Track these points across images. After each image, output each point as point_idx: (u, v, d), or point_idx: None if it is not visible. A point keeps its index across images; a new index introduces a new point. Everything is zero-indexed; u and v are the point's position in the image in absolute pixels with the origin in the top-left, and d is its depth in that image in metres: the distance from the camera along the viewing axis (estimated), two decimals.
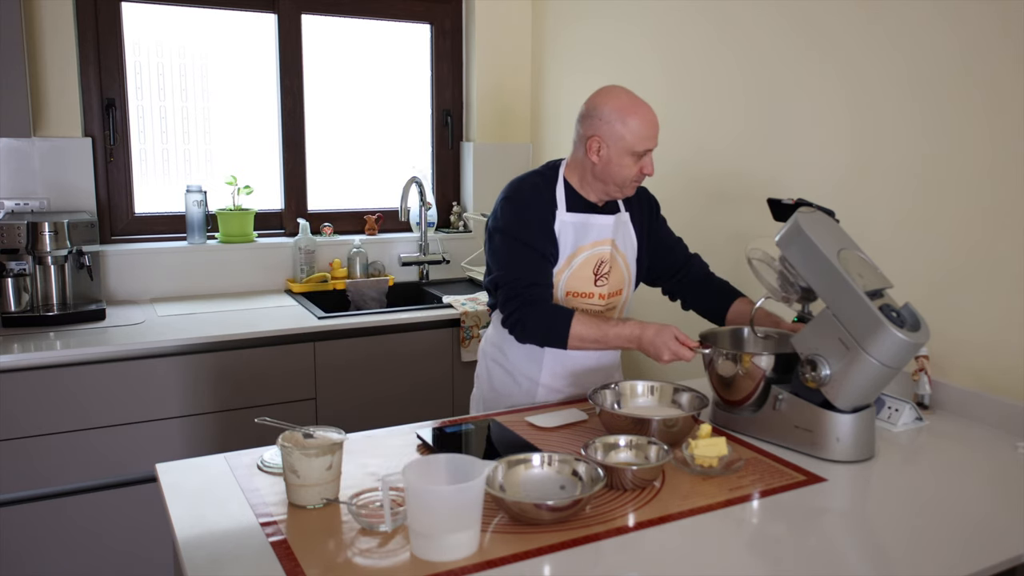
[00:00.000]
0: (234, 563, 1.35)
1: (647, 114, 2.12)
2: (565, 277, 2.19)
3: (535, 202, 2.17)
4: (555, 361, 2.25)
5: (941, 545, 1.46)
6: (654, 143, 2.13)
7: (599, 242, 2.21)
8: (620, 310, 2.32)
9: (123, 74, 3.32)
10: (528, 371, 2.27)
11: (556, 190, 2.20)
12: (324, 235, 3.69)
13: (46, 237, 2.89)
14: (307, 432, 1.56)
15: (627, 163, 2.12)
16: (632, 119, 2.10)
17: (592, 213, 2.22)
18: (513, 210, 2.15)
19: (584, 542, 1.41)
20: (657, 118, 2.14)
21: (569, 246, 2.18)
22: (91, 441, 2.64)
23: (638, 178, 2.16)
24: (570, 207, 2.19)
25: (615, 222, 2.25)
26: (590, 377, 2.27)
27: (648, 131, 2.11)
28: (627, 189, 2.18)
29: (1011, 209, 1.99)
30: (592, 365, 2.29)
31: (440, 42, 3.94)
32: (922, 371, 2.12)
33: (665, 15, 3.08)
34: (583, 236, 2.19)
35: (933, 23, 2.14)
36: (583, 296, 2.21)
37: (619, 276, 2.27)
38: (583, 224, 2.20)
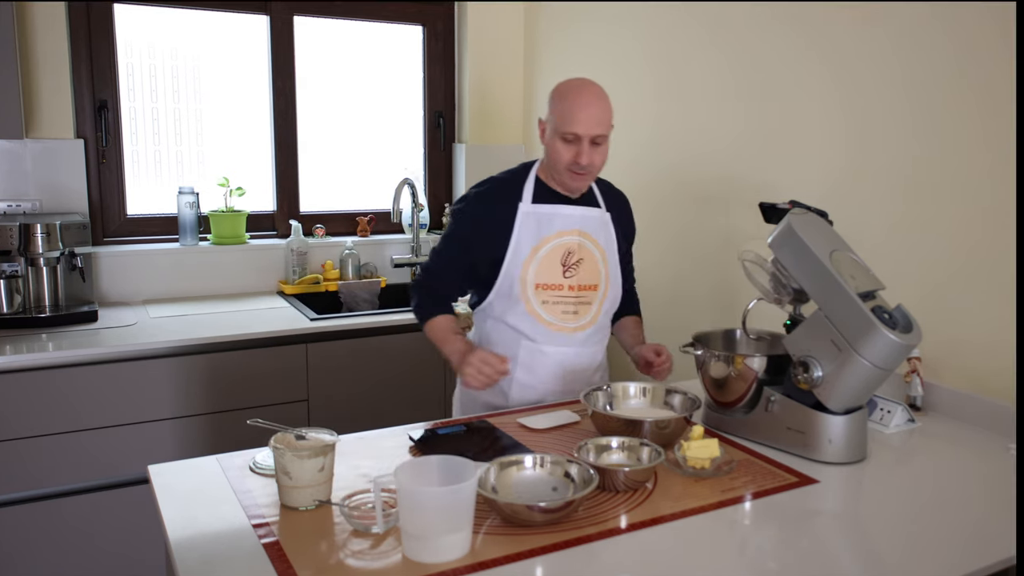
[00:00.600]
0: (226, 565, 1.35)
1: (581, 98, 2.08)
2: (532, 268, 2.17)
3: (495, 199, 2.22)
4: (531, 358, 2.23)
5: (933, 547, 1.46)
6: (584, 130, 2.06)
7: (565, 232, 2.20)
8: (597, 308, 2.26)
9: (115, 75, 3.31)
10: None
11: (525, 184, 2.22)
12: (316, 237, 3.69)
13: (38, 238, 2.88)
14: (299, 434, 1.56)
15: (558, 147, 2.11)
16: (564, 101, 2.08)
17: (561, 204, 2.22)
18: (469, 207, 2.24)
19: (576, 544, 1.41)
20: (596, 108, 2.08)
21: (532, 237, 2.18)
22: (83, 442, 2.64)
23: (572, 167, 2.11)
24: (537, 199, 2.21)
25: (587, 214, 2.24)
26: (567, 375, 2.26)
27: (575, 114, 2.06)
28: (564, 178, 2.15)
29: (1004, 212, 2.00)
30: (569, 364, 2.26)
31: (432, 44, 3.94)
32: (914, 373, 2.13)
33: (657, 18, 3.08)
34: (547, 226, 2.19)
35: (927, 26, 2.15)
36: (552, 288, 2.19)
37: (592, 270, 2.23)
38: (548, 214, 2.20)
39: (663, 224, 3.14)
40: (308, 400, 2.97)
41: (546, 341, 2.22)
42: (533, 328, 2.21)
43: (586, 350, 2.29)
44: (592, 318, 2.25)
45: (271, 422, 1.70)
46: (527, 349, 2.23)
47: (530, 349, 2.23)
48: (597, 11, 3.41)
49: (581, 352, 2.28)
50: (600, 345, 2.35)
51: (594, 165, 2.14)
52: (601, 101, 2.11)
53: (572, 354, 2.26)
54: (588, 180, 2.20)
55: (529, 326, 2.21)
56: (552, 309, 2.20)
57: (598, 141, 2.12)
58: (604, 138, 2.13)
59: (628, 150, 3.29)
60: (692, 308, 3.02)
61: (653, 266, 3.20)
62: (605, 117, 2.11)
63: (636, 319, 2.44)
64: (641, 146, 3.22)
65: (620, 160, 3.33)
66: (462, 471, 1.38)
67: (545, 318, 2.20)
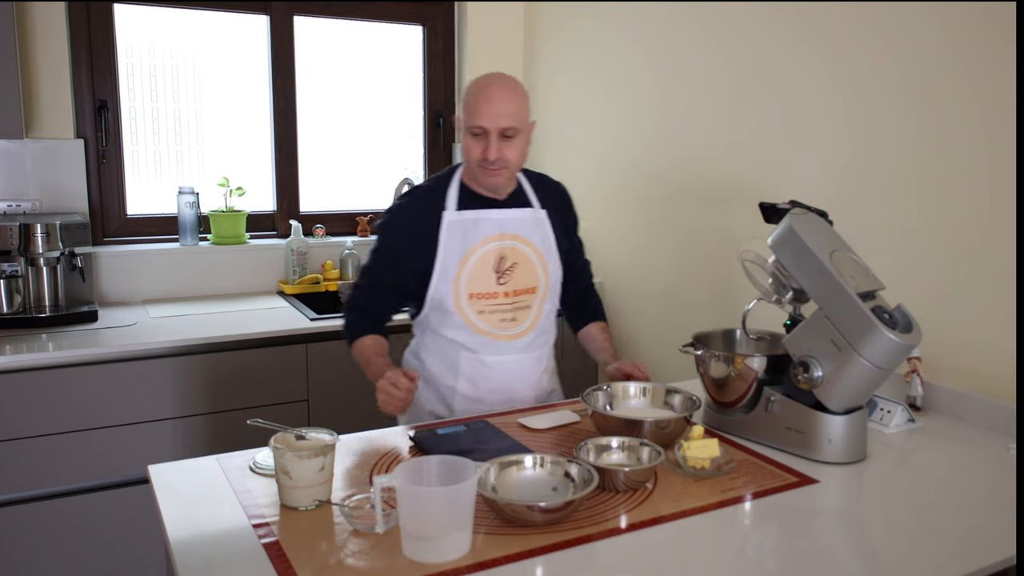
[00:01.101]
0: (226, 565, 1.35)
1: (486, 91, 2.01)
2: (464, 278, 2.10)
3: (418, 208, 2.14)
4: (473, 370, 2.16)
5: (933, 546, 1.46)
6: (488, 122, 1.99)
7: (493, 237, 2.12)
8: (537, 311, 2.20)
9: (115, 76, 3.31)
10: (445, 379, 2.19)
11: (448, 191, 2.14)
12: (316, 236, 3.69)
13: (38, 238, 2.88)
14: (299, 433, 1.56)
15: (467, 142, 2.04)
16: (469, 96, 2.03)
17: (489, 208, 2.14)
18: (394, 219, 2.17)
19: (576, 543, 1.41)
20: (505, 100, 2.00)
21: (459, 246, 2.10)
22: (83, 442, 2.63)
23: (482, 162, 2.03)
24: (462, 205, 2.12)
25: (518, 216, 2.16)
26: (512, 383, 2.20)
27: (480, 107, 1.99)
28: (478, 174, 2.07)
29: (1003, 212, 2.00)
30: (513, 372, 2.19)
31: (432, 44, 3.94)
32: (914, 373, 2.13)
33: (657, 18, 3.09)
34: (475, 233, 2.11)
35: (928, 26, 2.15)
36: (486, 296, 2.12)
37: (529, 274, 2.16)
38: (474, 221, 2.11)
39: (663, 224, 3.14)
40: (308, 400, 2.97)
41: (486, 352, 2.15)
42: (471, 339, 2.14)
43: (529, 355, 2.22)
44: (532, 322, 2.19)
45: (271, 422, 1.70)
46: (468, 360, 2.16)
47: (471, 360, 2.16)
48: (597, 11, 3.41)
49: (524, 359, 2.21)
50: (544, 348, 2.28)
51: (506, 160, 2.03)
52: (509, 92, 2.02)
53: (514, 362, 2.19)
54: (504, 177, 2.08)
55: (467, 337, 2.14)
56: (489, 318, 2.13)
57: (509, 134, 2.02)
58: (516, 132, 2.03)
59: (628, 150, 3.29)
60: (692, 308, 3.02)
61: (653, 266, 3.20)
62: (513, 109, 2.01)
63: (602, 326, 2.37)
64: (641, 146, 3.22)
65: (620, 161, 3.34)
66: (462, 471, 1.38)
67: (482, 328, 2.13)
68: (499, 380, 2.18)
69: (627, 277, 3.35)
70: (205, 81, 3.57)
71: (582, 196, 3.54)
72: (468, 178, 2.16)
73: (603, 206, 3.46)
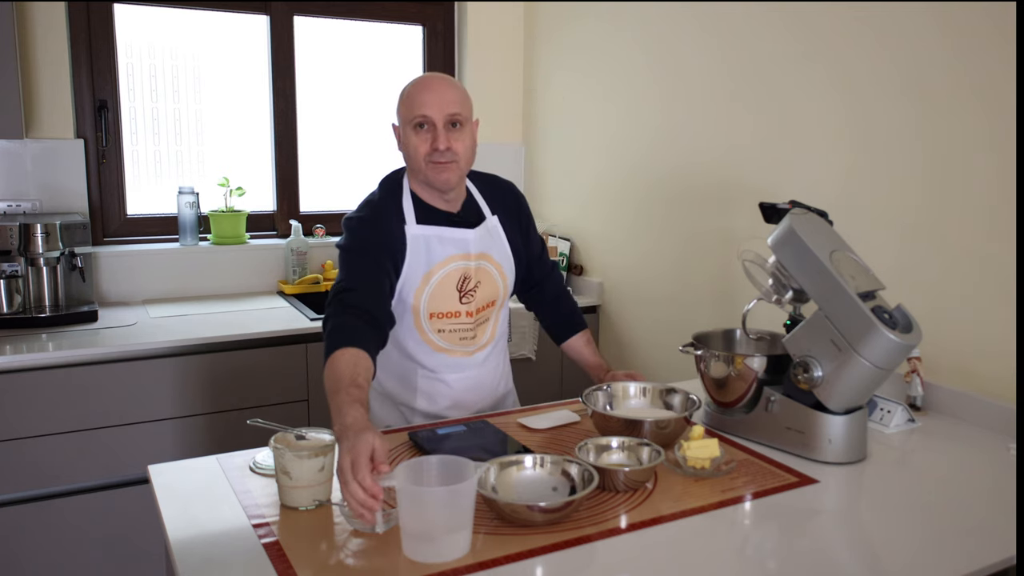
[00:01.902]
0: (226, 565, 1.35)
1: (423, 82, 1.94)
2: (425, 297, 2.00)
3: (378, 218, 1.99)
4: (430, 386, 2.09)
5: (933, 546, 1.46)
6: (431, 111, 1.90)
7: (456, 256, 2.02)
8: (495, 321, 2.15)
9: (115, 76, 3.32)
10: (402, 397, 2.12)
11: (403, 203, 2.02)
12: (316, 237, 3.69)
13: (38, 238, 2.88)
14: (299, 433, 1.56)
15: (413, 140, 1.93)
16: (406, 94, 1.95)
17: (447, 226, 2.02)
18: (355, 229, 1.98)
19: (576, 543, 1.41)
20: (446, 88, 1.93)
21: (423, 263, 1.99)
22: (83, 442, 2.63)
23: (431, 155, 1.92)
24: (420, 219, 2.01)
25: (479, 234, 2.06)
26: (469, 396, 2.13)
27: (421, 95, 1.91)
28: (429, 172, 1.95)
29: (1003, 212, 2.00)
30: (471, 386, 2.13)
31: (432, 44, 3.94)
32: (914, 373, 2.13)
33: (658, 18, 3.09)
34: (438, 251, 2.00)
35: (927, 27, 2.15)
36: (448, 316, 2.03)
37: (490, 289, 2.09)
38: (437, 238, 2.00)
39: (663, 224, 3.14)
40: (308, 400, 2.97)
41: (445, 370, 2.08)
42: (429, 357, 2.06)
43: (487, 368, 2.17)
44: (490, 335, 2.14)
45: (271, 422, 1.70)
46: (425, 378, 2.09)
47: (429, 378, 2.09)
48: (597, 11, 3.41)
49: (482, 372, 2.16)
50: (500, 357, 2.23)
51: (456, 152, 1.93)
52: (449, 82, 1.96)
53: (473, 377, 2.13)
54: (455, 173, 1.96)
55: (425, 355, 2.06)
56: (449, 337, 2.05)
57: (457, 120, 1.93)
58: (464, 121, 1.95)
59: (628, 151, 3.29)
60: (692, 308, 3.02)
61: (653, 266, 3.20)
62: (458, 97, 1.94)
63: (586, 338, 2.31)
64: (641, 147, 3.22)
65: (620, 161, 3.34)
66: (462, 471, 1.38)
67: (441, 345, 2.06)
68: (457, 396, 2.12)
69: (627, 277, 3.36)
70: (205, 81, 3.57)
71: (582, 197, 3.55)
72: (417, 187, 2.04)
73: (603, 206, 3.46)
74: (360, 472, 1.36)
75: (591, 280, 3.54)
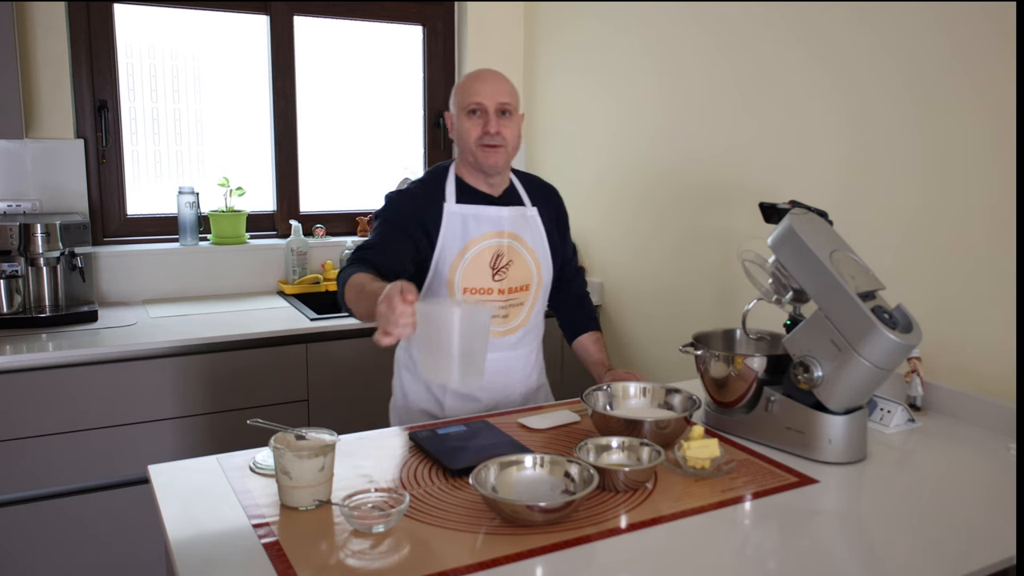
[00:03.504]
0: (226, 565, 1.35)
1: (479, 73, 2.12)
2: (460, 272, 2.11)
3: (419, 195, 2.15)
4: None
5: (933, 546, 1.46)
6: (485, 98, 2.07)
7: (492, 234, 2.15)
8: (528, 307, 2.22)
9: (115, 76, 3.32)
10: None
11: (445, 184, 2.17)
12: (316, 236, 3.69)
13: (38, 238, 2.88)
14: (299, 433, 1.56)
15: (466, 125, 2.09)
16: (462, 84, 2.13)
17: (485, 204, 2.17)
18: (396, 199, 2.15)
19: (576, 544, 1.41)
20: (495, 78, 2.11)
21: (459, 238, 2.12)
22: (83, 442, 2.63)
23: (483, 139, 2.08)
24: (460, 199, 2.15)
25: (514, 214, 2.19)
26: (501, 380, 2.22)
27: (475, 84, 2.09)
28: (479, 156, 2.10)
29: (1003, 212, 2.00)
30: (502, 369, 2.21)
31: (432, 44, 3.94)
32: (914, 373, 2.13)
33: (658, 18, 3.09)
34: (474, 227, 2.13)
35: (928, 26, 2.15)
36: (481, 291, 2.14)
37: (523, 271, 2.19)
38: (474, 215, 2.14)
39: (664, 224, 3.14)
40: (308, 400, 2.97)
41: None
42: None
43: (518, 352, 2.24)
44: (523, 319, 2.21)
45: (271, 422, 1.70)
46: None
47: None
48: (597, 11, 3.41)
49: (513, 355, 2.23)
50: (533, 345, 2.30)
51: (505, 137, 2.09)
52: (501, 76, 2.13)
53: (503, 358, 2.21)
54: (503, 157, 2.12)
55: None
56: None
57: (505, 109, 2.10)
58: (512, 110, 2.11)
59: (629, 151, 3.29)
60: (692, 308, 3.02)
61: (653, 266, 3.20)
62: (509, 88, 2.12)
63: (596, 337, 2.38)
64: (642, 147, 3.22)
65: (620, 160, 3.34)
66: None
67: None
68: (489, 377, 2.17)
69: (627, 277, 3.36)
70: (205, 81, 3.57)
71: (582, 196, 3.55)
72: (462, 171, 2.19)
73: (603, 206, 3.46)
74: (392, 300, 1.50)
75: (591, 280, 3.54)
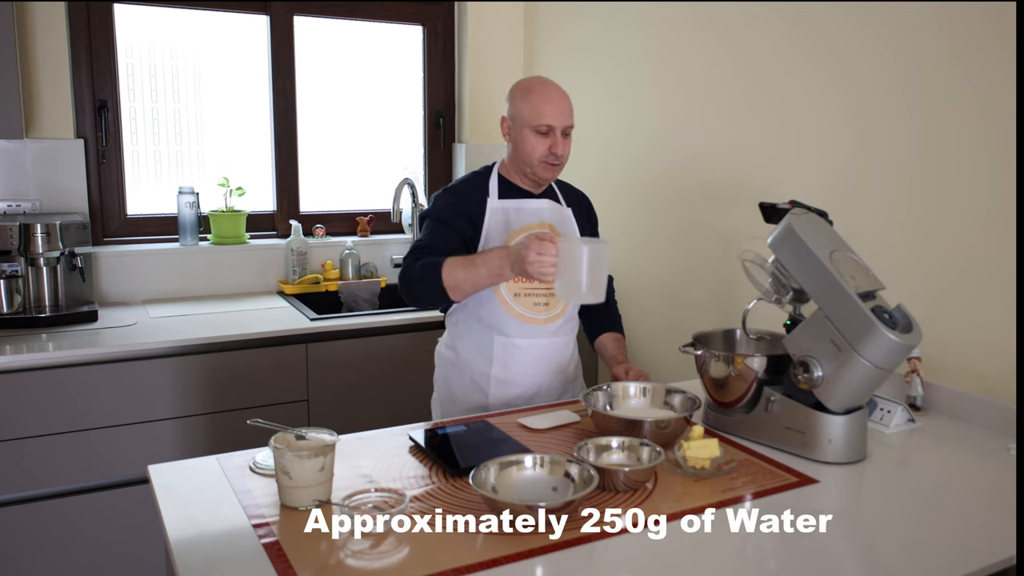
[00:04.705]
0: (226, 565, 1.35)
1: (548, 92, 2.18)
2: None
3: (465, 192, 2.27)
4: (505, 353, 2.25)
5: (933, 546, 1.46)
6: (557, 121, 2.16)
7: (534, 225, 2.25)
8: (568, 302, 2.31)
9: (115, 76, 3.31)
10: (479, 365, 2.28)
11: (490, 181, 2.28)
12: (316, 236, 3.69)
13: (38, 238, 2.88)
14: (299, 433, 1.56)
15: (530, 140, 2.18)
16: (531, 96, 2.18)
17: (526, 198, 2.28)
18: (444, 197, 2.26)
19: (576, 543, 1.41)
20: (564, 100, 2.19)
21: (502, 229, 2.23)
22: (83, 442, 2.63)
23: (547, 158, 2.18)
24: (503, 195, 2.27)
25: (553, 207, 2.31)
26: (542, 367, 2.29)
27: (546, 108, 2.16)
28: (539, 170, 2.21)
29: (1004, 212, 2.00)
30: (543, 356, 2.29)
31: (432, 44, 3.94)
32: (914, 373, 2.13)
33: (657, 18, 3.09)
34: (516, 219, 2.25)
35: (927, 27, 2.15)
36: (524, 280, 2.20)
37: None
38: (516, 208, 2.26)
39: (664, 224, 3.14)
40: (308, 400, 2.97)
41: (519, 334, 2.24)
42: (506, 322, 2.23)
43: (558, 340, 2.32)
44: (561, 310, 2.29)
45: (271, 422, 1.70)
46: (501, 344, 2.25)
47: (504, 344, 2.25)
48: (597, 11, 3.41)
49: (553, 343, 2.30)
50: (571, 335, 2.38)
51: (564, 156, 2.22)
52: (566, 96, 2.22)
53: (544, 345, 2.29)
54: (558, 172, 2.26)
55: (502, 320, 2.23)
56: (524, 301, 2.22)
57: (567, 132, 2.21)
58: (571, 129, 2.22)
59: (629, 151, 3.29)
60: (692, 308, 3.02)
61: (654, 266, 3.20)
62: (571, 110, 2.22)
63: (617, 336, 2.44)
64: (642, 147, 3.22)
65: (620, 160, 3.34)
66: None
67: (518, 311, 2.22)
68: (529, 362, 2.27)
69: (627, 277, 3.35)
70: (205, 81, 3.57)
71: None
72: (508, 172, 2.30)
73: (603, 206, 3.44)
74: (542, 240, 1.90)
75: None
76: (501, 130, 2.26)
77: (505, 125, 2.25)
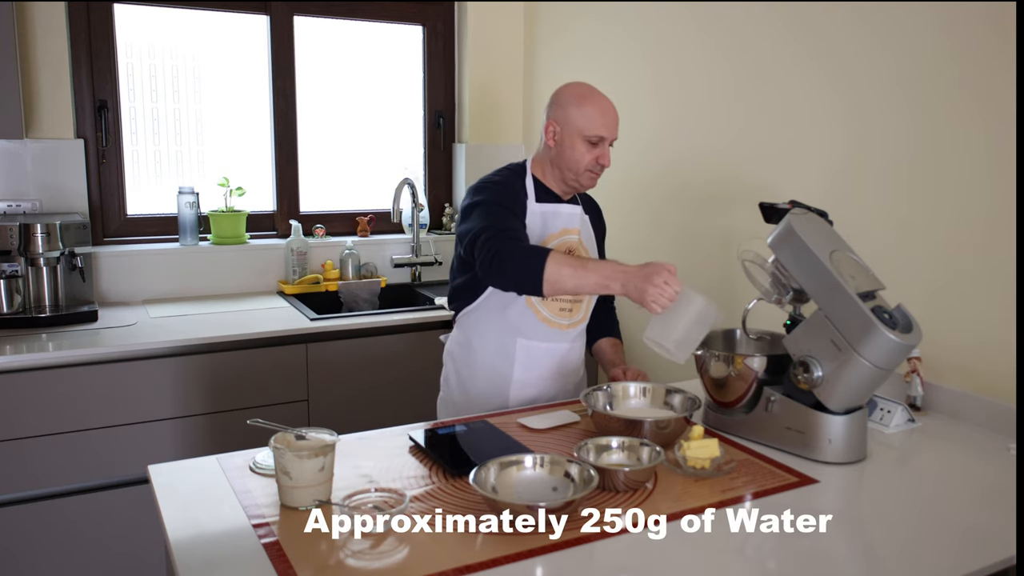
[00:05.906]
0: (226, 565, 1.35)
1: (602, 103, 2.18)
2: None
3: (511, 185, 2.22)
4: (527, 355, 2.26)
5: (933, 546, 1.46)
6: (608, 133, 2.17)
7: (568, 230, 2.27)
8: (587, 303, 2.32)
9: (115, 76, 3.31)
10: (500, 367, 2.27)
11: (526, 181, 2.25)
12: (316, 236, 3.69)
13: (38, 238, 2.88)
14: (299, 433, 1.56)
15: (580, 148, 2.17)
16: (586, 105, 2.16)
17: (559, 203, 2.28)
18: (492, 187, 2.20)
19: (576, 543, 1.41)
20: (615, 112, 2.19)
21: (538, 234, 2.22)
22: (83, 442, 2.63)
23: (593, 167, 2.19)
24: (538, 198, 2.25)
25: (580, 212, 2.33)
26: (559, 371, 2.31)
27: (601, 118, 2.15)
28: (583, 178, 2.21)
29: (1004, 212, 2.00)
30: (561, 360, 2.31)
31: (432, 44, 3.94)
32: (914, 373, 2.13)
33: (657, 18, 3.08)
34: (552, 224, 2.24)
35: (927, 26, 2.15)
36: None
37: None
38: (552, 213, 2.25)
39: (663, 224, 3.14)
40: (308, 400, 2.97)
41: (541, 338, 2.25)
42: (531, 325, 2.23)
43: (576, 345, 2.35)
44: (583, 315, 2.32)
45: (271, 422, 1.70)
46: (523, 347, 2.26)
47: (526, 347, 2.25)
48: (597, 11, 3.40)
49: (572, 348, 2.33)
50: (583, 340, 2.40)
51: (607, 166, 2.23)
52: (614, 108, 2.21)
53: (564, 350, 2.31)
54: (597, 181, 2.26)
55: (527, 322, 2.23)
56: (551, 306, 2.23)
57: (612, 143, 2.22)
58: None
59: (628, 150, 3.29)
60: None
61: None
62: (618, 121, 2.22)
63: (614, 341, 2.46)
64: (641, 146, 3.21)
65: (620, 161, 3.33)
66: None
67: (544, 314, 2.23)
68: (550, 367, 2.29)
69: None
70: (205, 81, 3.57)
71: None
72: (541, 173, 2.28)
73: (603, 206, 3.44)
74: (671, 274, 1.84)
75: None
76: (544, 134, 2.22)
77: (551, 129, 2.20)
